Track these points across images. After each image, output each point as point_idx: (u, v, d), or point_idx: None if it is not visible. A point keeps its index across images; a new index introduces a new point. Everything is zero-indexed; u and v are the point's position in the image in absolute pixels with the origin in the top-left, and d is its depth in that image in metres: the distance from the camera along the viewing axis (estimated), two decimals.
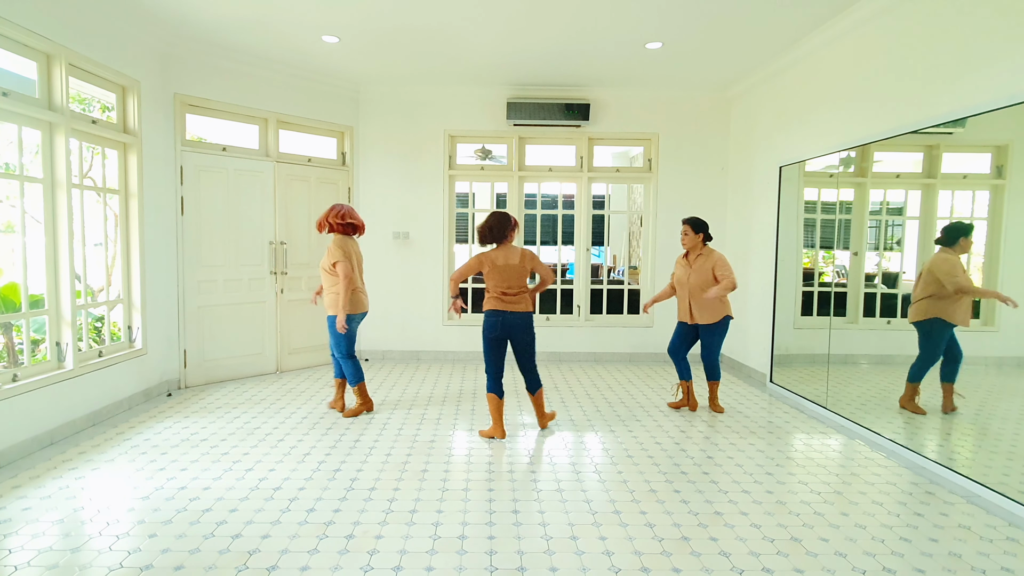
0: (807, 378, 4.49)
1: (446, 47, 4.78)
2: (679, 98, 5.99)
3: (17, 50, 3.37)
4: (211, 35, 4.53)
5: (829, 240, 4.37)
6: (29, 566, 2.21)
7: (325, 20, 4.24)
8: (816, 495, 2.91)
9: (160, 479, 3.01)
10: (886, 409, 3.72)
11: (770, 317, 5.00)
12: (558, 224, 6.28)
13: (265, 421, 3.99)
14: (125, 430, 3.77)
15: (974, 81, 3.04)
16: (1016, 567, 2.28)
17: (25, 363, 3.45)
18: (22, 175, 3.43)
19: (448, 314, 6.16)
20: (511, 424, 3.98)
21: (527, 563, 2.27)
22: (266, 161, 5.25)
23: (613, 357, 6.17)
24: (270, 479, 3.03)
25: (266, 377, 5.27)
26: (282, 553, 2.32)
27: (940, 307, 3.30)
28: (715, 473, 3.17)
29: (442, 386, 5.04)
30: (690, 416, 4.21)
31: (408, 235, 6.08)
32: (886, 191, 3.94)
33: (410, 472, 3.15)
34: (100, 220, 4.35)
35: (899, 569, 2.25)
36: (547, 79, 5.62)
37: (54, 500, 2.76)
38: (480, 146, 7.35)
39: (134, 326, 4.37)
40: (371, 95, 5.96)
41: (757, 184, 5.39)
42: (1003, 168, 2.97)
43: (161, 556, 2.29)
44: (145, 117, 4.37)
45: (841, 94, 4.16)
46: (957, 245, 3.23)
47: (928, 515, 2.71)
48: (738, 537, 2.48)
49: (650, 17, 4.11)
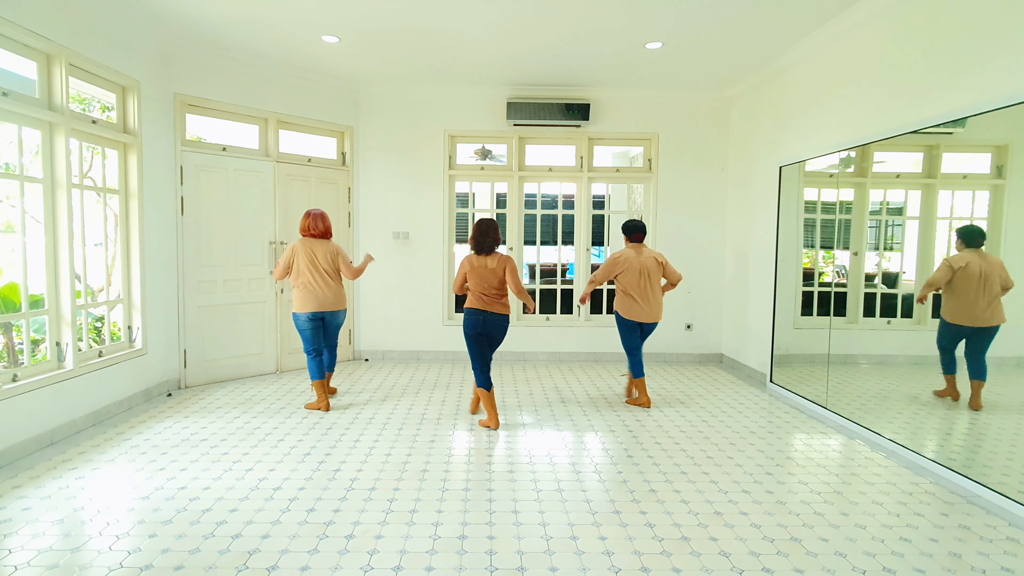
0: (807, 378, 4.49)
1: (446, 47, 4.78)
2: (679, 98, 5.99)
3: (17, 50, 3.36)
4: (211, 35, 4.53)
5: (829, 240, 4.37)
6: (29, 566, 2.21)
7: (325, 20, 4.24)
8: (816, 495, 2.91)
9: (160, 479, 3.01)
10: (886, 409, 3.72)
11: (770, 317, 5.00)
12: (558, 224, 6.28)
13: (265, 421, 3.99)
14: (125, 430, 3.77)
15: (974, 81, 3.04)
16: (1016, 567, 2.28)
17: (25, 363, 3.45)
18: (22, 175, 3.43)
19: (450, 315, 6.16)
20: (512, 424, 3.98)
21: (527, 563, 2.27)
22: (266, 161, 5.25)
23: (613, 357, 6.17)
24: (270, 479, 3.03)
25: (266, 377, 5.27)
26: (282, 553, 2.32)
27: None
28: (715, 473, 3.17)
29: (442, 386, 5.04)
30: (691, 416, 4.21)
31: (408, 235, 6.08)
32: (886, 191, 3.94)
33: (410, 472, 3.15)
34: (100, 220, 4.35)
35: (899, 569, 2.25)
36: (547, 79, 5.62)
37: (54, 500, 2.76)
38: (480, 146, 7.33)
39: (134, 326, 4.37)
40: (371, 95, 5.96)
41: (757, 184, 5.39)
42: (1003, 168, 2.97)
43: (161, 556, 2.29)
44: (145, 117, 4.37)
45: (841, 94, 4.16)
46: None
47: (928, 515, 2.71)
48: (738, 537, 2.48)
49: (650, 17, 4.11)
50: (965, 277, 3.22)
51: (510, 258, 3.95)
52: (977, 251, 3.21)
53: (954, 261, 3.29)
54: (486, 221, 3.95)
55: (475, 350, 3.90)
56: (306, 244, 4.19)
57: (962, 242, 3.30)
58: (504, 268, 3.88)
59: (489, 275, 3.86)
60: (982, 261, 3.17)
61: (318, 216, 4.26)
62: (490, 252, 3.91)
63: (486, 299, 3.87)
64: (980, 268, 3.16)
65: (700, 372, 5.73)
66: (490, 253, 3.91)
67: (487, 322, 3.86)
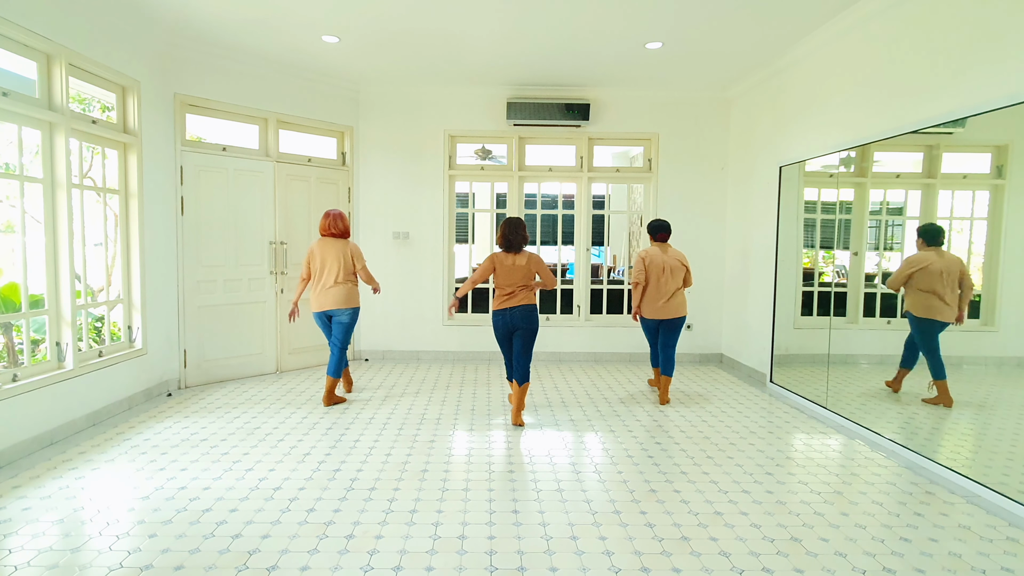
0: (807, 378, 4.49)
1: (446, 47, 4.78)
2: (679, 98, 5.99)
3: (17, 50, 3.37)
4: (211, 35, 4.53)
5: (829, 240, 4.37)
6: (29, 566, 2.21)
7: (325, 20, 4.24)
8: (816, 495, 2.91)
9: (160, 479, 3.02)
10: (886, 409, 3.72)
11: (770, 317, 5.00)
12: (558, 224, 6.28)
13: (265, 421, 3.99)
14: (125, 430, 3.77)
15: (974, 81, 3.04)
16: (1016, 567, 2.28)
17: (25, 363, 3.45)
18: (22, 175, 3.43)
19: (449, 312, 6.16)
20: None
21: (527, 563, 2.27)
22: (266, 161, 5.25)
23: (613, 357, 6.17)
24: (270, 479, 3.03)
25: (266, 377, 5.27)
26: (282, 553, 2.32)
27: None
28: (715, 473, 3.17)
29: (442, 386, 5.04)
30: (691, 416, 4.21)
31: (408, 235, 6.08)
32: (886, 191, 3.94)
33: (410, 472, 3.15)
34: (100, 220, 4.35)
35: (899, 569, 2.25)
36: (547, 79, 5.62)
37: (54, 500, 2.76)
38: (480, 146, 7.35)
39: (134, 326, 4.37)
40: (371, 95, 5.96)
41: (757, 184, 5.39)
42: (1003, 168, 2.97)
43: (161, 556, 2.29)
44: (145, 117, 4.37)
45: (841, 94, 4.16)
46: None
47: (928, 515, 2.71)
48: (738, 537, 2.48)
49: (650, 17, 4.11)
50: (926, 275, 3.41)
51: (539, 256, 4.05)
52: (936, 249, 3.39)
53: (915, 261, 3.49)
54: (515, 219, 4.04)
55: (503, 348, 4.14)
56: (321, 244, 4.32)
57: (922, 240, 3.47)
58: (535, 266, 3.98)
59: (517, 272, 3.94)
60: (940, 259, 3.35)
61: (336, 216, 4.35)
62: (519, 250, 3.99)
63: (511, 294, 3.96)
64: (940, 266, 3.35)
65: (700, 372, 5.73)
66: (519, 251, 3.99)
67: (512, 318, 3.96)
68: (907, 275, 3.51)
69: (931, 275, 3.37)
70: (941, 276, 3.34)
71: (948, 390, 3.30)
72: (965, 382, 3.23)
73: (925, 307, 3.42)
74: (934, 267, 3.37)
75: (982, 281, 3.08)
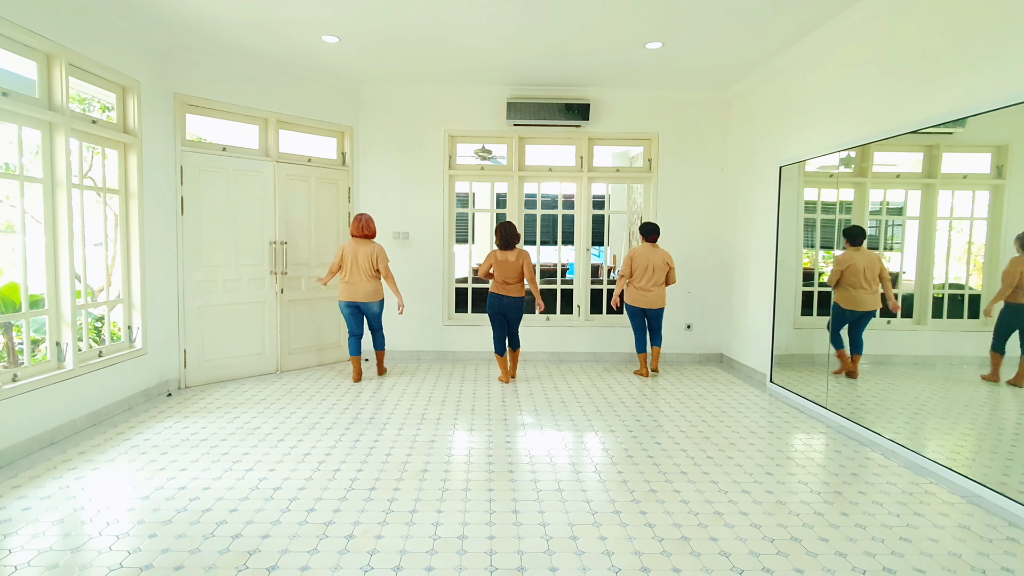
0: (807, 378, 4.49)
1: (446, 47, 4.78)
2: (679, 98, 5.99)
3: (17, 50, 3.36)
4: (211, 35, 4.53)
5: (829, 240, 4.37)
6: (29, 566, 2.21)
7: (325, 20, 4.24)
8: (816, 495, 2.91)
9: (160, 479, 3.02)
10: (886, 409, 3.72)
11: (770, 317, 5.00)
12: (558, 224, 6.28)
13: (265, 421, 3.99)
14: (125, 430, 3.77)
15: (974, 81, 3.04)
16: (1016, 567, 2.28)
17: (25, 363, 3.45)
18: (22, 175, 3.43)
19: (449, 314, 6.17)
20: (512, 424, 3.98)
21: (527, 563, 2.27)
22: (266, 161, 5.25)
23: (613, 357, 6.17)
24: (270, 479, 3.03)
25: (266, 377, 5.27)
26: (282, 553, 2.32)
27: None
28: (715, 473, 3.17)
29: (442, 386, 5.04)
30: (691, 416, 4.21)
31: (408, 235, 6.08)
32: (886, 191, 3.94)
33: (410, 472, 3.15)
34: (100, 220, 4.35)
35: (899, 569, 2.25)
36: (547, 79, 5.62)
37: (54, 500, 2.76)
38: (480, 146, 7.34)
39: (134, 326, 4.37)
40: (371, 95, 5.96)
41: (757, 184, 5.39)
42: (1003, 168, 2.97)
43: (161, 556, 2.29)
44: (145, 117, 4.37)
45: (841, 94, 4.16)
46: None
47: (928, 515, 2.71)
48: (738, 537, 2.48)
49: (650, 17, 4.11)
50: (852, 272, 3.94)
51: (527, 253, 4.98)
52: (858, 248, 3.91)
53: (842, 260, 4.01)
54: (507, 223, 5.00)
55: (494, 325, 5.09)
56: (352, 244, 5.01)
57: (847, 241, 4.00)
58: (522, 261, 4.94)
59: (510, 267, 4.91)
60: (862, 257, 3.90)
61: (366, 220, 5.06)
62: (511, 248, 4.94)
63: (506, 285, 4.96)
64: (862, 264, 3.89)
65: (700, 372, 5.73)
66: (511, 249, 4.94)
67: (504, 303, 4.98)
68: (839, 272, 4.01)
69: (856, 272, 3.91)
70: (863, 272, 3.88)
71: (859, 364, 3.95)
72: (967, 382, 3.23)
73: (851, 300, 3.96)
74: (857, 264, 3.90)
75: (982, 281, 3.08)
